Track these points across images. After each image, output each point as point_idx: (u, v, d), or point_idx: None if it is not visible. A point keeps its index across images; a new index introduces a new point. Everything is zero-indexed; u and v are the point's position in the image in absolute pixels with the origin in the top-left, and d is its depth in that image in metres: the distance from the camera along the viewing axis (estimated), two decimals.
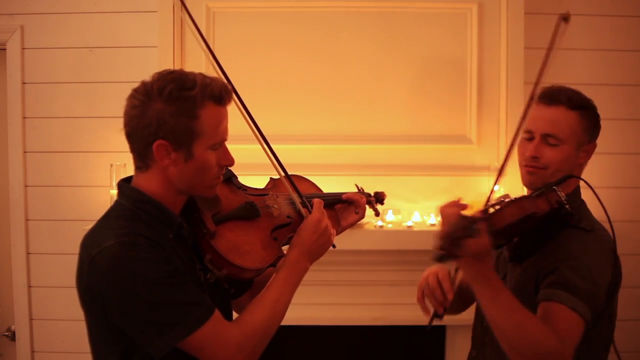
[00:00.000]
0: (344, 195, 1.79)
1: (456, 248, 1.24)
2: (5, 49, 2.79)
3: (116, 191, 1.44)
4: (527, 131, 1.62)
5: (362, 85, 2.69)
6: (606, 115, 1.68)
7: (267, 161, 1.59)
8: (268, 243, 1.52)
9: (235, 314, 1.51)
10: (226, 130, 1.39)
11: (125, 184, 1.40)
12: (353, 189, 1.89)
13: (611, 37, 2.77)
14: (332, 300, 2.68)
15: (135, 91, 1.33)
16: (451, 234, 1.24)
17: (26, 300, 2.81)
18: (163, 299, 1.27)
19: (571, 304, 1.41)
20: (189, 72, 1.35)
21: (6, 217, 2.85)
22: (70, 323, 2.77)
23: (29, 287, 2.82)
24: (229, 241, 1.44)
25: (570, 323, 1.40)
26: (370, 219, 2.53)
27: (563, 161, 1.59)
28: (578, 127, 1.59)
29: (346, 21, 2.68)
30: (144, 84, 1.33)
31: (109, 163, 2.60)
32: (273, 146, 1.60)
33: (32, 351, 2.83)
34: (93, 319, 1.36)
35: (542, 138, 1.59)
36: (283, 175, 1.60)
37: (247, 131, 1.57)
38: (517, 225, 1.40)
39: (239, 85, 1.53)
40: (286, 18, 2.68)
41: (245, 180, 1.66)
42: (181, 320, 1.28)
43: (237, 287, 1.59)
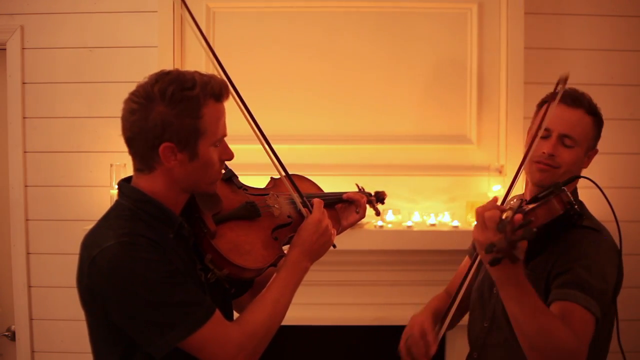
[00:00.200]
0: (345, 194, 1.79)
1: (515, 250, 1.21)
2: (5, 49, 2.79)
3: (116, 191, 1.44)
4: (545, 129, 1.63)
5: (362, 85, 2.69)
6: (607, 115, 1.69)
7: (268, 161, 1.59)
8: (269, 243, 1.51)
9: (236, 314, 1.51)
10: (225, 125, 1.40)
11: (125, 184, 1.40)
12: (354, 189, 1.89)
13: (611, 37, 2.77)
14: (332, 300, 2.68)
15: (133, 94, 1.32)
16: (511, 236, 1.21)
17: (26, 300, 2.81)
18: (163, 299, 1.27)
19: (585, 304, 1.44)
20: (186, 72, 1.34)
21: (6, 217, 2.85)
22: (70, 323, 2.77)
23: (29, 287, 2.82)
24: (230, 241, 1.44)
25: (585, 322, 1.43)
26: (370, 219, 2.53)
27: (574, 163, 1.63)
28: (591, 132, 1.64)
29: (346, 21, 2.68)
30: (142, 87, 1.32)
31: (109, 163, 2.60)
32: (274, 146, 1.60)
33: (32, 351, 2.83)
34: (93, 319, 1.36)
35: (559, 138, 1.62)
36: (284, 175, 1.60)
37: (248, 131, 1.57)
38: (544, 225, 1.39)
39: (240, 84, 1.53)
40: (286, 18, 2.68)
41: (245, 180, 1.66)
42: (182, 320, 1.28)
43: (238, 287, 1.59)
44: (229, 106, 1.41)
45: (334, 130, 2.69)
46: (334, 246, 1.61)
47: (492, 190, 2.61)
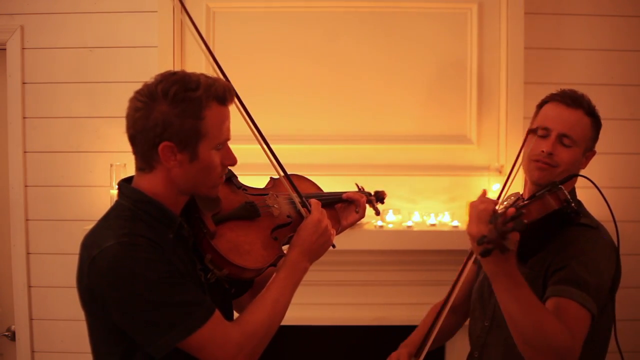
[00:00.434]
0: (345, 194, 1.79)
1: (506, 241, 1.23)
2: (5, 49, 2.79)
3: (116, 191, 1.44)
4: (543, 128, 1.66)
5: (363, 84, 2.68)
6: (606, 115, 1.70)
7: (267, 161, 1.59)
8: (268, 243, 1.52)
9: (236, 314, 1.51)
10: (229, 129, 1.40)
11: (125, 185, 1.40)
12: (353, 189, 1.89)
13: (611, 37, 2.77)
14: (332, 300, 2.68)
15: (138, 93, 1.34)
16: (501, 227, 1.23)
17: (26, 300, 2.81)
18: (163, 299, 1.27)
19: (581, 300, 1.45)
20: (192, 73, 1.35)
21: (6, 217, 2.85)
22: (70, 323, 2.77)
23: (29, 287, 2.82)
24: (229, 241, 1.44)
25: (579, 318, 1.44)
26: (370, 219, 2.53)
27: (572, 163, 1.64)
28: (589, 133, 1.66)
29: (346, 21, 2.68)
30: (147, 86, 1.33)
31: (109, 163, 2.60)
32: (274, 146, 1.60)
33: (32, 351, 2.83)
34: (93, 319, 1.36)
35: (558, 137, 1.63)
36: (282, 175, 1.60)
37: (247, 131, 1.57)
38: (539, 221, 1.40)
39: (239, 84, 1.53)
40: (286, 18, 2.68)
41: (245, 180, 1.66)
42: (181, 320, 1.28)
43: (238, 287, 1.59)
44: (230, 106, 1.41)
45: (334, 130, 2.69)
46: (334, 246, 1.61)
47: (492, 190, 2.61)
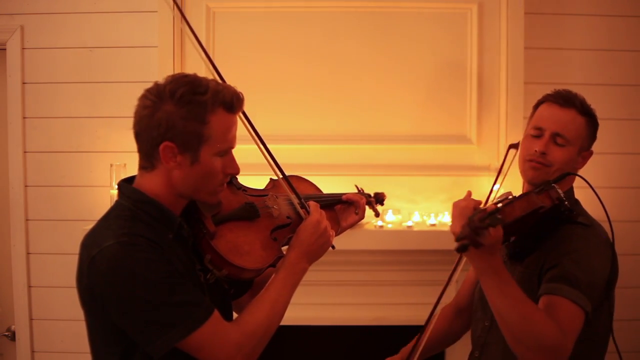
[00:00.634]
0: (344, 196, 1.79)
1: (480, 236, 1.25)
2: (5, 49, 2.79)
3: (116, 191, 1.44)
4: (537, 128, 1.67)
5: (362, 85, 2.68)
6: (605, 115, 1.70)
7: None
8: (268, 243, 1.52)
9: (235, 314, 1.51)
10: (234, 137, 1.39)
11: (125, 185, 1.41)
12: (353, 189, 1.89)
13: (611, 37, 2.77)
14: (332, 300, 2.68)
15: (147, 91, 1.34)
16: (475, 223, 1.25)
17: (26, 300, 2.81)
18: (163, 299, 1.27)
19: (573, 297, 1.45)
20: (203, 78, 1.36)
21: (6, 217, 2.85)
22: (70, 323, 2.77)
23: (29, 287, 2.82)
24: (229, 241, 1.44)
25: (572, 316, 1.44)
26: (370, 219, 2.53)
27: (566, 162, 1.64)
28: (584, 132, 1.66)
29: (345, 21, 2.68)
30: (157, 85, 1.34)
31: (109, 163, 2.60)
32: (273, 146, 1.60)
33: (32, 351, 2.83)
34: (93, 319, 1.36)
35: (551, 137, 1.64)
36: (281, 176, 1.60)
37: (246, 131, 1.57)
38: (524, 219, 1.41)
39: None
40: (286, 18, 2.68)
41: (245, 180, 1.66)
42: (180, 320, 1.28)
43: (237, 288, 1.59)
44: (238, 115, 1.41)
45: (334, 130, 2.69)
46: (333, 247, 1.61)
47: (493, 190, 2.61)
